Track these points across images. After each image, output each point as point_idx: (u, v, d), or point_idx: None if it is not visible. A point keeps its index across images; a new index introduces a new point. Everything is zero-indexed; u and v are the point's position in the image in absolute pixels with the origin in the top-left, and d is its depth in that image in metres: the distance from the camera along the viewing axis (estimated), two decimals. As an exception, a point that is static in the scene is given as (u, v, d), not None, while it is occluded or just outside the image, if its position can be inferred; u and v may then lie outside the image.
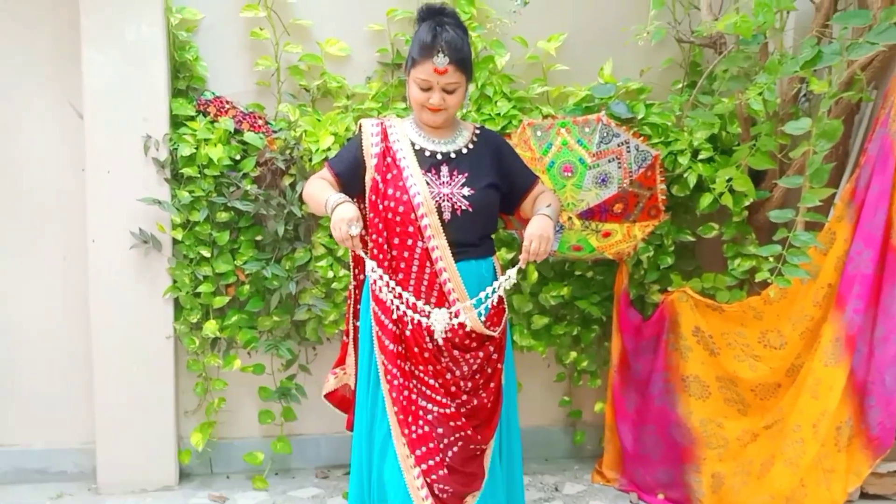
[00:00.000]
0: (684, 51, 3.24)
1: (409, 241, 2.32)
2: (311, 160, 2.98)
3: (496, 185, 2.40)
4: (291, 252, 3.10)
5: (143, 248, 3.00)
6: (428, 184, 2.32)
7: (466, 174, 2.35)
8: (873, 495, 2.79)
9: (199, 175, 2.97)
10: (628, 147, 2.87)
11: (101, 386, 3.07)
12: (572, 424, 3.53)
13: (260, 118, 3.06)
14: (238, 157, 3.00)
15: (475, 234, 2.38)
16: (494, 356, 2.44)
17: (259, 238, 3.09)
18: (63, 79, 3.02)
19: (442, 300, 2.35)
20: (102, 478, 3.11)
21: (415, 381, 2.37)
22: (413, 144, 2.38)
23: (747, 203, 3.03)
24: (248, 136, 2.99)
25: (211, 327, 3.06)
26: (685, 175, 3.03)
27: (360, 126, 2.45)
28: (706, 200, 3.02)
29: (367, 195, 2.39)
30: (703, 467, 3.01)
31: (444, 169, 2.35)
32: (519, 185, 2.49)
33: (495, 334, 2.42)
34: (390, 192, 2.33)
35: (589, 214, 2.93)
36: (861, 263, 2.63)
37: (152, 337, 3.07)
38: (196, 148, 2.95)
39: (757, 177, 3.05)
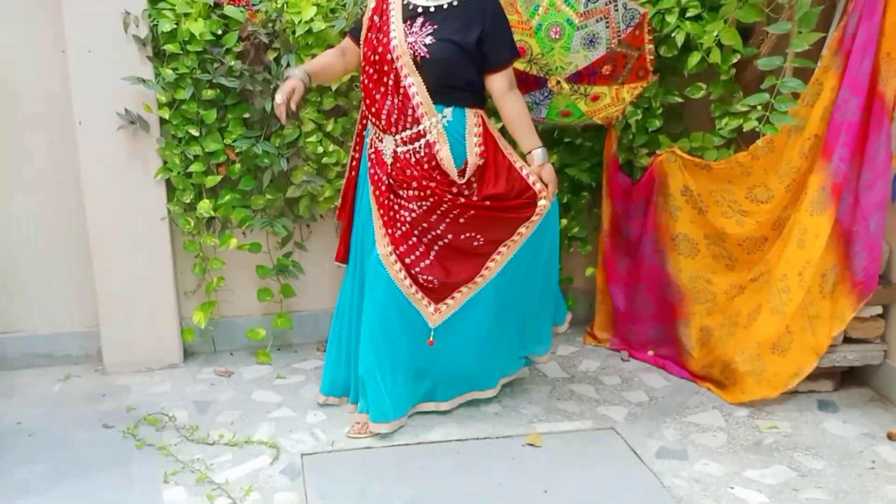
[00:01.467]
0: None
1: (385, 79, 2.59)
2: (294, 32, 2.94)
3: (458, 42, 2.53)
4: (280, 129, 3.09)
5: (131, 129, 2.98)
6: (404, 32, 2.55)
7: (435, 27, 2.54)
8: (856, 339, 2.90)
9: (181, 52, 2.93)
10: (616, 5, 2.84)
11: (100, 269, 3.11)
12: (564, 291, 3.59)
13: (239, -9, 2.99)
14: (220, 33, 2.95)
15: (436, 81, 2.55)
16: (451, 199, 2.61)
17: (247, 115, 3.07)
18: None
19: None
20: (108, 358, 3.19)
21: (394, 196, 2.66)
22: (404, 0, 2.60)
23: (735, 60, 3.01)
24: (229, 10, 2.93)
25: (205, 207, 3.08)
26: (673, 34, 3.00)
27: None
28: (694, 59, 3.00)
29: (360, 48, 2.67)
30: (692, 321, 3.11)
31: (419, 20, 2.56)
32: (488, 59, 2.60)
33: (457, 178, 2.60)
34: (374, 37, 2.61)
35: (577, 77, 2.92)
36: (848, 111, 2.65)
37: (147, 218, 3.09)
38: (176, 23, 2.89)
39: (745, 34, 3.02)
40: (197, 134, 3.03)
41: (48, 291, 3.23)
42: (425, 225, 2.64)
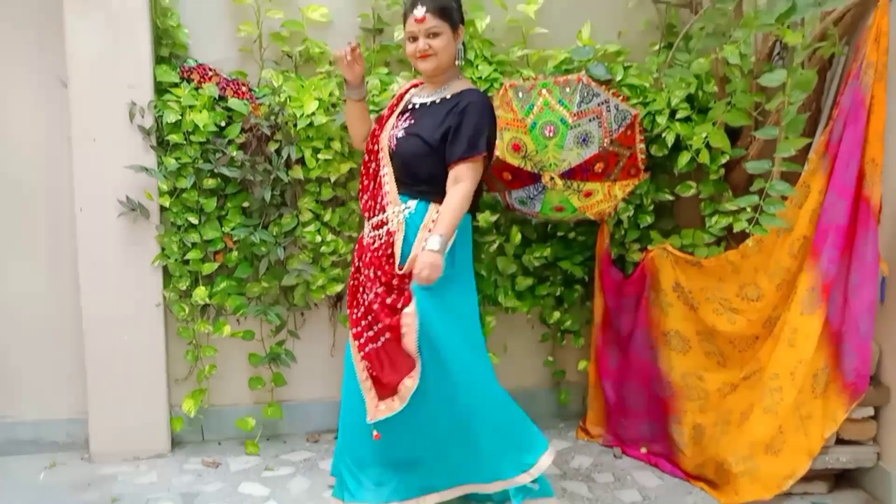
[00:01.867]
0: (660, 12, 3.30)
1: (371, 167, 2.72)
2: (295, 125, 3.01)
3: (423, 137, 2.55)
4: (278, 218, 3.14)
5: (131, 216, 3.02)
6: (392, 126, 2.66)
7: (412, 122, 2.62)
8: (848, 440, 2.88)
9: (184, 142, 3.00)
10: (608, 106, 2.93)
11: (91, 355, 3.10)
12: (557, 384, 3.60)
13: (243, 84, 3.08)
14: (223, 124, 3.03)
15: (403, 173, 2.61)
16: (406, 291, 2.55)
17: (246, 204, 3.12)
18: (47, 48, 3.02)
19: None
20: (95, 447, 3.14)
21: (356, 281, 2.71)
22: (410, 97, 2.72)
23: (724, 161, 3.10)
24: (233, 103, 3.01)
25: (200, 294, 3.09)
26: (663, 134, 3.09)
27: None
28: (684, 159, 3.09)
29: None
30: (685, 419, 3.09)
31: (405, 116, 2.66)
32: (447, 152, 2.54)
33: (397, 269, 2.54)
34: (376, 129, 2.74)
35: (571, 174, 2.98)
36: (835, 214, 2.70)
37: (142, 305, 3.10)
38: (181, 115, 2.97)
39: (733, 136, 3.12)
40: (196, 222, 3.07)
41: (38, 377, 3.21)
42: (371, 315, 2.61)
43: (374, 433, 2.57)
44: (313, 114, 3.00)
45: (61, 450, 3.21)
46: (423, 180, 2.58)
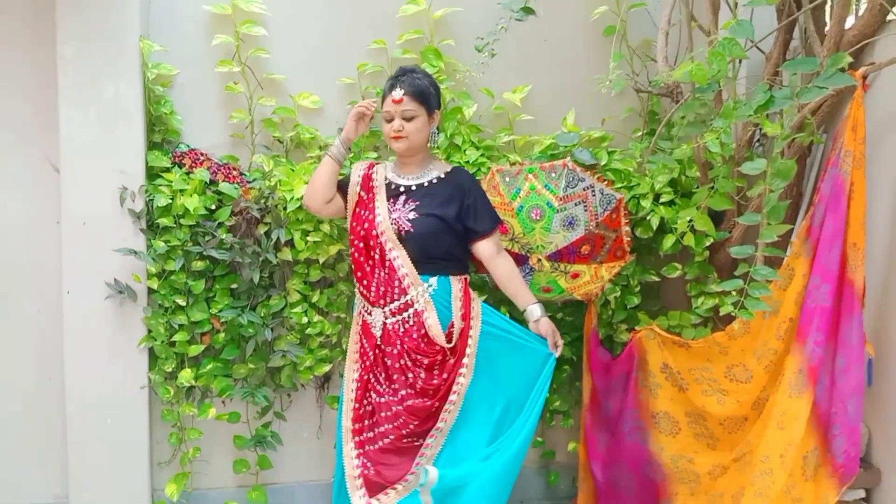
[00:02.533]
0: (643, 100, 3.39)
1: (372, 253, 2.73)
2: (285, 208, 3.05)
3: (440, 216, 2.70)
4: (266, 299, 3.14)
5: (119, 299, 3.02)
6: (388, 210, 2.73)
7: (417, 203, 2.72)
8: (841, 524, 2.86)
9: (174, 225, 3.02)
10: (593, 191, 2.99)
11: (74, 439, 3.05)
12: (546, 465, 3.56)
13: (234, 169, 3.12)
14: (213, 207, 3.06)
15: (419, 253, 2.69)
16: (450, 362, 2.69)
17: (234, 286, 3.13)
18: (40, 134, 3.05)
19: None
20: (76, 532, 3.07)
21: (370, 375, 2.75)
22: (386, 179, 2.81)
23: (708, 243, 3.14)
24: (224, 186, 3.05)
25: (186, 376, 3.07)
26: (648, 217, 3.14)
27: (352, 167, 2.91)
28: (669, 241, 3.13)
29: (348, 221, 2.84)
30: (676, 502, 3.06)
31: (402, 198, 2.75)
32: (471, 227, 2.77)
33: (445, 343, 2.68)
34: (361, 213, 2.77)
35: (557, 256, 3.02)
36: (819, 297, 2.73)
37: (127, 388, 3.07)
38: (172, 198, 3.00)
39: (717, 218, 3.17)
40: (184, 303, 3.07)
41: (19, 460, 3.16)
42: (384, 414, 2.70)
43: None
44: (303, 197, 3.03)
45: (40, 536, 3.14)
46: (440, 257, 2.72)
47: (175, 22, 3.14)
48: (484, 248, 2.78)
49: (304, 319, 3.15)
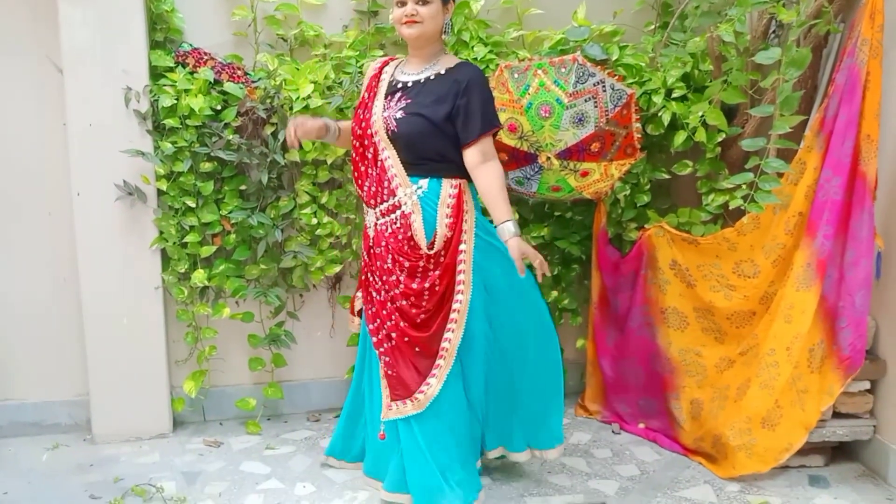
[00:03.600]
0: (656, -9, 3.29)
1: (366, 153, 2.63)
2: (291, 108, 3.01)
3: (426, 116, 2.51)
4: (276, 200, 3.15)
5: (129, 201, 3.03)
6: (383, 107, 2.59)
7: (409, 101, 2.55)
8: (845, 414, 2.91)
9: (180, 126, 3.00)
10: (604, 86, 2.93)
11: (92, 338, 3.12)
12: (555, 362, 3.62)
13: (239, 68, 3.08)
14: (219, 108, 3.03)
15: (410, 154, 2.55)
16: (423, 272, 2.57)
17: (243, 187, 3.13)
18: (40, 35, 3.01)
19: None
20: (97, 428, 3.17)
21: (368, 275, 2.71)
22: (391, 76, 2.66)
23: (720, 139, 3.11)
24: (228, 86, 3.01)
25: (199, 276, 3.11)
26: (659, 113, 3.10)
27: (366, 66, 2.83)
28: (680, 138, 3.09)
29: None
30: (683, 395, 3.12)
31: (397, 95, 2.59)
32: (462, 131, 2.53)
33: (426, 249, 2.55)
34: (361, 113, 2.66)
35: (567, 154, 2.99)
36: (830, 190, 2.72)
37: (141, 288, 3.12)
38: (177, 99, 2.97)
39: (729, 114, 3.12)
40: (193, 205, 3.08)
41: (39, 359, 3.23)
42: (383, 312, 2.64)
43: (380, 432, 2.65)
44: (309, 97, 3.00)
45: (63, 432, 3.25)
46: (431, 158, 2.55)
47: (174, -85, 3.05)
48: (468, 156, 2.53)
49: (314, 220, 3.16)
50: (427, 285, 2.56)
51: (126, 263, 3.08)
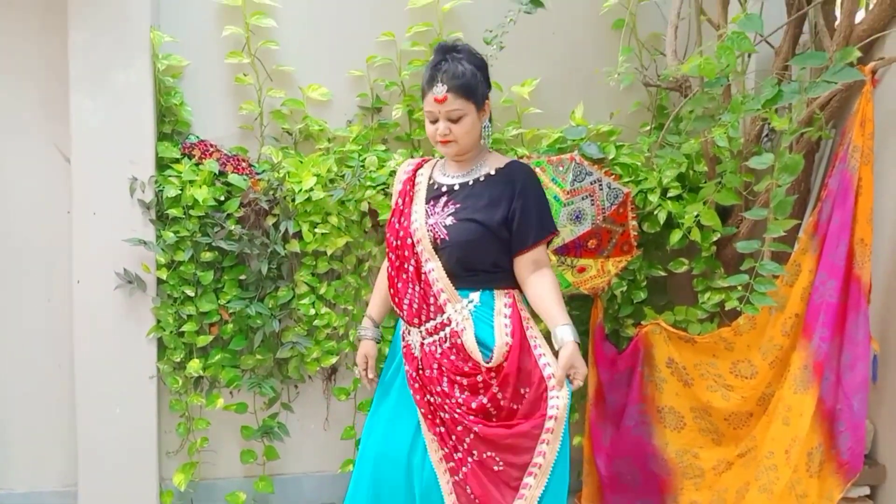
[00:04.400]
0: (651, 95, 3.38)
1: (406, 265, 2.39)
2: (293, 200, 3.06)
3: (483, 221, 2.31)
4: (274, 290, 3.16)
5: (128, 289, 3.04)
6: (426, 213, 2.38)
7: (458, 205, 2.35)
8: (846, 520, 2.86)
9: (184, 216, 3.04)
10: (601, 185, 2.99)
11: (83, 428, 3.08)
12: (551, 459, 3.56)
13: (243, 160, 3.14)
14: (222, 199, 3.07)
15: (459, 265, 2.34)
16: (495, 390, 2.31)
17: (243, 277, 3.14)
18: (50, 123, 3.08)
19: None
20: (84, 520, 3.10)
21: (429, 397, 2.38)
22: (430, 178, 2.48)
23: (715, 238, 3.14)
24: (233, 178, 3.06)
25: (194, 366, 3.09)
26: (655, 212, 3.14)
27: (398, 170, 2.61)
28: (676, 236, 3.13)
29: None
30: (681, 497, 3.06)
31: (442, 200, 2.38)
32: (515, 238, 2.36)
33: (482, 361, 2.32)
34: (396, 221, 2.44)
35: (564, 250, 3.02)
36: (826, 293, 2.73)
37: (135, 377, 3.09)
38: (181, 189, 3.02)
39: (724, 214, 3.17)
40: (192, 294, 3.09)
41: (29, 448, 3.19)
42: (459, 429, 2.33)
43: None
44: (311, 189, 3.04)
45: (51, 523, 3.17)
46: (483, 269, 2.35)
47: (185, 13, 3.16)
48: (519, 265, 2.35)
49: (312, 311, 3.17)
50: (485, 400, 2.32)
51: (122, 352, 3.07)
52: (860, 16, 2.84)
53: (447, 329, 2.35)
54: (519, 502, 2.28)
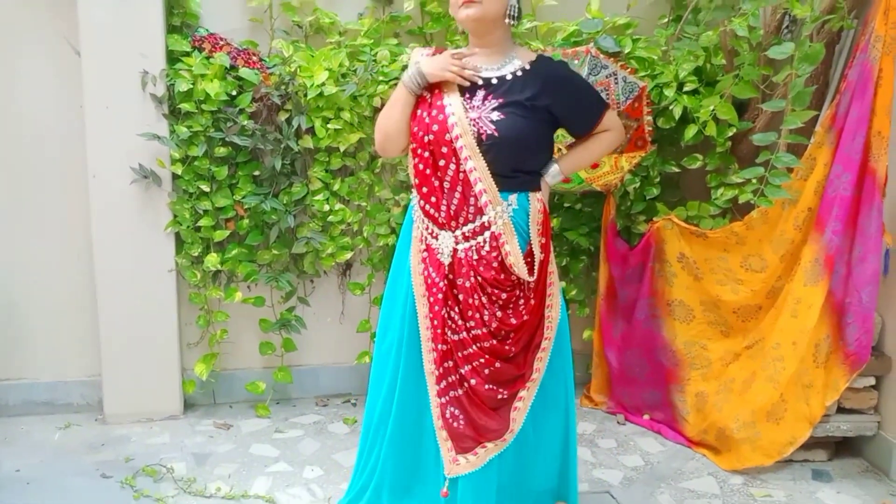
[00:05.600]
0: (670, -16, 3.30)
1: (442, 163, 2.20)
2: (305, 95, 3.04)
3: (532, 118, 2.19)
4: (289, 186, 3.18)
5: (144, 184, 3.06)
6: (464, 108, 2.19)
7: (501, 100, 2.19)
8: (849, 409, 2.92)
9: (196, 110, 3.03)
10: (616, 79, 2.94)
11: (105, 320, 3.16)
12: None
13: (254, 54, 3.10)
14: (234, 93, 3.06)
15: (504, 165, 2.18)
16: (522, 302, 2.26)
17: (257, 173, 3.16)
18: (59, 17, 3.04)
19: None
20: (109, 408, 3.21)
21: (445, 310, 2.25)
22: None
23: (731, 133, 3.12)
24: (244, 72, 3.04)
25: (212, 260, 3.14)
26: (671, 107, 3.11)
27: (411, 55, 2.41)
28: (691, 131, 3.11)
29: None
30: (688, 387, 3.15)
31: (480, 93, 2.21)
32: (575, 129, 2.35)
33: (527, 276, 2.23)
34: (425, 114, 2.23)
35: (578, 145, 3.01)
36: (840, 186, 2.73)
37: (154, 271, 3.15)
38: (193, 83, 3.00)
39: (741, 109, 3.14)
40: (208, 189, 3.11)
41: (52, 339, 3.27)
42: (461, 354, 2.25)
43: (443, 489, 2.27)
44: (323, 84, 3.02)
45: (76, 411, 3.29)
46: (524, 170, 2.23)
47: None
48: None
49: (326, 207, 3.20)
50: (525, 318, 2.25)
51: (140, 246, 3.12)
52: None
53: (486, 233, 2.20)
54: (514, 414, 2.27)
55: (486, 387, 2.24)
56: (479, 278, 2.21)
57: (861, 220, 2.74)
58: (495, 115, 2.16)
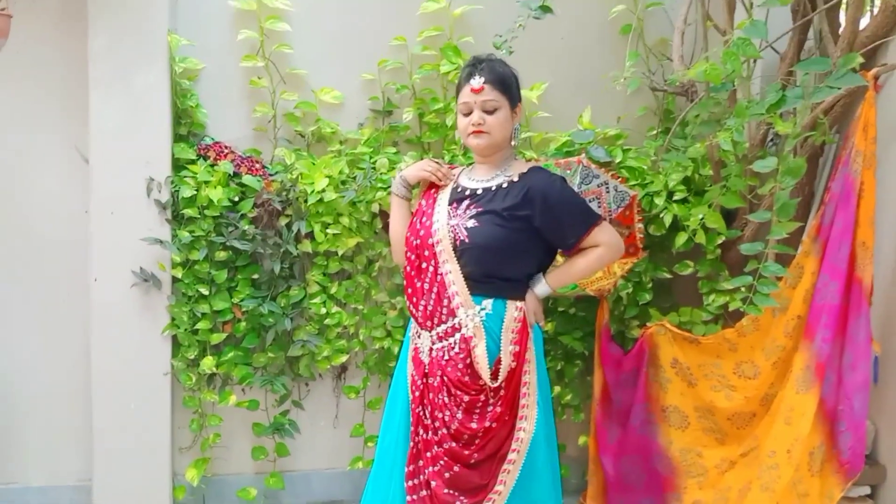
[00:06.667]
0: (658, 99, 3.44)
1: (424, 265, 2.38)
2: (306, 201, 3.12)
3: (504, 226, 2.31)
4: (287, 290, 3.22)
5: (144, 287, 3.11)
6: (448, 215, 2.37)
7: (480, 208, 2.34)
8: (847, 519, 2.90)
9: (199, 216, 3.10)
10: (607, 188, 3.03)
11: (99, 423, 3.14)
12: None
13: (257, 162, 3.20)
14: (236, 199, 3.14)
15: (476, 269, 2.32)
16: (489, 408, 2.32)
17: (256, 276, 3.21)
18: (70, 124, 3.15)
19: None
20: (98, 513, 3.16)
21: (420, 409, 2.37)
22: (456, 182, 2.48)
23: (720, 241, 3.19)
24: (247, 179, 3.13)
25: (208, 363, 3.15)
26: (661, 215, 3.19)
27: None
28: (681, 239, 3.18)
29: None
30: (685, 496, 3.11)
31: (465, 203, 2.38)
32: (557, 243, 2.43)
33: (489, 381, 2.31)
34: (418, 221, 2.45)
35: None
36: (828, 295, 2.78)
37: (150, 374, 3.16)
38: (196, 190, 3.09)
39: (729, 217, 3.22)
40: (207, 293, 3.15)
41: (45, 443, 3.25)
42: (428, 454, 2.34)
43: None
44: (323, 190, 3.11)
45: (65, 516, 3.23)
46: (498, 276, 2.33)
47: (201, 17, 3.23)
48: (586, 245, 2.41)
49: (323, 310, 3.23)
50: (487, 424, 2.31)
51: (137, 349, 3.13)
52: (864, 22, 2.88)
53: (457, 335, 2.33)
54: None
55: (445, 491, 2.29)
56: (445, 378, 2.32)
57: (850, 329, 2.77)
58: (471, 223, 2.32)
